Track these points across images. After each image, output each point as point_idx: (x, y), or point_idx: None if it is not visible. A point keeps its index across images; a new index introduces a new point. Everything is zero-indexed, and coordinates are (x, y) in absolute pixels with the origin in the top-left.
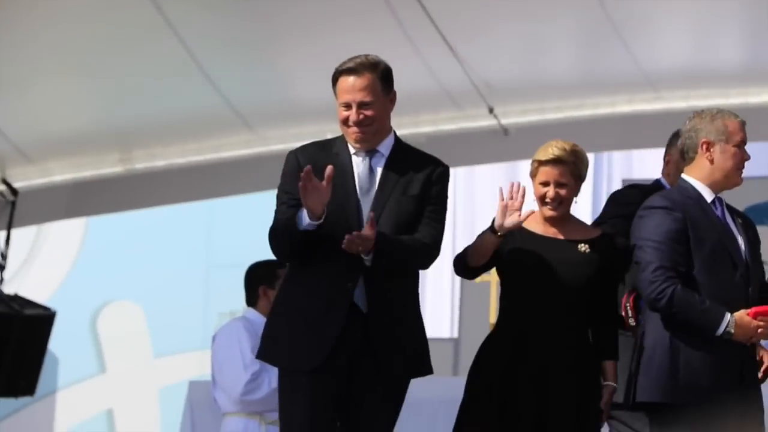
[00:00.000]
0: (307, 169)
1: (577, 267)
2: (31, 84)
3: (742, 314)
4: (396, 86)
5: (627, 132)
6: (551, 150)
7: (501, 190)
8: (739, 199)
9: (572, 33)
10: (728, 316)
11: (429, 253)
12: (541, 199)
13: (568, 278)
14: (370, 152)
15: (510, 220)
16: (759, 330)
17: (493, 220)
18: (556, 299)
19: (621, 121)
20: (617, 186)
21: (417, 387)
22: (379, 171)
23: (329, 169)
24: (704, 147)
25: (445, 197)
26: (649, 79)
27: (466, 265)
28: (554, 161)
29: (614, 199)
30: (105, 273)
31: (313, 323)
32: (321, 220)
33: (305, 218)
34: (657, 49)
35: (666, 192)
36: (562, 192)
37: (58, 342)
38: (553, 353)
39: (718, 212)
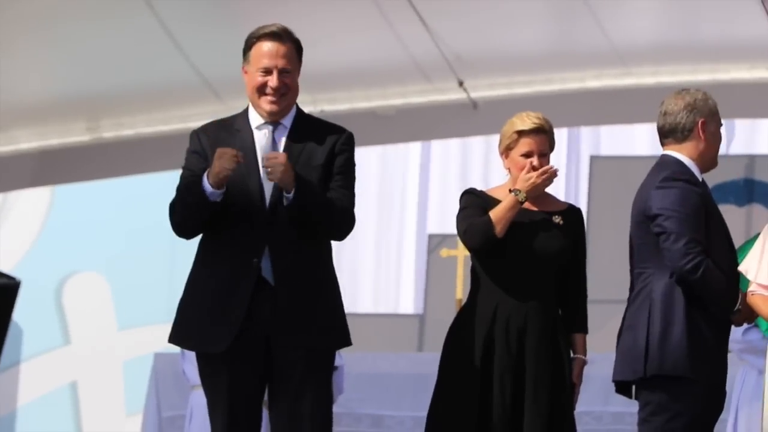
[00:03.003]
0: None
1: (553, 238)
2: None
3: (743, 294)
4: (366, 58)
5: (596, 107)
6: (530, 120)
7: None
8: (705, 177)
9: (543, 6)
10: (740, 294)
11: (347, 216)
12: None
13: (545, 249)
14: (273, 125)
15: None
16: (752, 312)
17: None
18: (533, 270)
19: (590, 96)
20: (585, 162)
21: (383, 363)
22: (282, 142)
23: (240, 155)
24: (702, 126)
25: (353, 165)
26: (618, 54)
27: (495, 237)
28: (537, 130)
29: None
30: (71, 243)
31: (221, 302)
32: (223, 189)
33: (207, 186)
34: (627, 23)
35: (676, 167)
36: (545, 162)
37: (22, 313)
38: (528, 326)
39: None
